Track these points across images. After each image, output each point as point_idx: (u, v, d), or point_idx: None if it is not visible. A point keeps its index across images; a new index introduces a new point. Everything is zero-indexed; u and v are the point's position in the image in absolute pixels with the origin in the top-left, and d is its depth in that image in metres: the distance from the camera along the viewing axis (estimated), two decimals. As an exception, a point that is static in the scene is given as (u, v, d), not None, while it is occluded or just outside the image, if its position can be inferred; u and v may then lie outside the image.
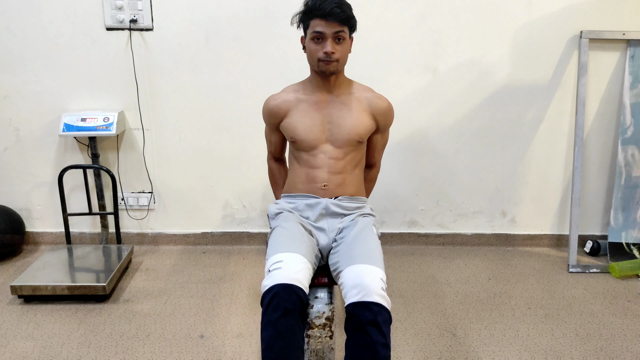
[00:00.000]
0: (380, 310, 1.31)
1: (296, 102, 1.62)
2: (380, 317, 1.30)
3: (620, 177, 2.44)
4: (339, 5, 1.46)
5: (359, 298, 1.32)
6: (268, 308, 1.32)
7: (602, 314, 2.01)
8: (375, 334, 1.29)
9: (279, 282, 1.33)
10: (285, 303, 1.31)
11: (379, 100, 1.64)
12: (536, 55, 2.39)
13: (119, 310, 2.00)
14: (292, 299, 1.33)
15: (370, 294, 1.31)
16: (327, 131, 1.60)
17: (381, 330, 1.30)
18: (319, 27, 1.49)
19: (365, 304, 1.31)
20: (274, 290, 1.33)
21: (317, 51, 1.52)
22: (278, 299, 1.31)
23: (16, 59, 2.33)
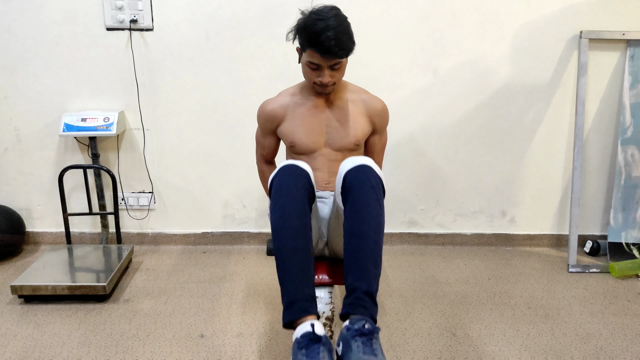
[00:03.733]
0: (373, 173, 1.36)
1: (293, 106, 1.62)
2: (374, 179, 1.35)
3: (620, 177, 2.45)
4: (337, 42, 1.40)
5: (352, 165, 1.38)
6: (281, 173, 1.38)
7: (602, 314, 2.01)
8: (369, 193, 1.34)
9: (293, 164, 1.39)
10: (300, 173, 1.38)
11: (374, 101, 1.64)
12: (536, 55, 2.39)
13: (119, 310, 2.00)
14: (304, 173, 1.38)
15: (362, 162, 1.38)
16: (325, 135, 1.62)
17: (375, 192, 1.34)
18: (315, 59, 1.46)
19: (358, 167, 1.37)
20: (288, 166, 1.39)
21: (312, 77, 1.52)
22: (293, 169, 1.38)
23: (16, 59, 2.33)
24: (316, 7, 1.47)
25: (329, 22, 1.40)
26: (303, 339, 1.19)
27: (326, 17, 1.41)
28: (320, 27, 1.39)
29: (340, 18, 1.44)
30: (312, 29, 1.41)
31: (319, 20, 1.41)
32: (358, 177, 1.35)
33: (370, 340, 1.17)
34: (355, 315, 1.24)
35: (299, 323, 1.25)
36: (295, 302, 1.27)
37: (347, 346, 1.18)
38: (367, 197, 1.33)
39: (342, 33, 1.41)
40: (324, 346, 1.18)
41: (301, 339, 1.20)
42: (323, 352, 1.16)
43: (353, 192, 1.34)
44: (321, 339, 1.19)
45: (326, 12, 1.43)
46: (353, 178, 1.35)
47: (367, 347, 1.15)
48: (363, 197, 1.33)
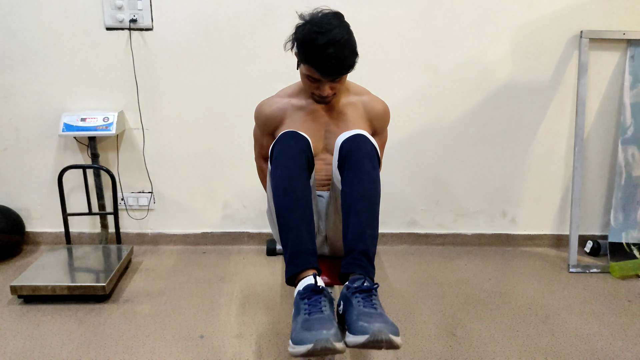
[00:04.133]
0: (368, 141, 1.38)
1: (292, 110, 1.59)
2: (369, 147, 1.37)
3: (620, 177, 2.44)
4: (339, 62, 1.35)
5: (348, 135, 1.39)
6: (282, 137, 1.39)
7: (603, 314, 2.01)
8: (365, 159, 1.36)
9: (294, 130, 1.40)
10: (300, 137, 1.39)
11: (375, 103, 1.62)
12: (536, 55, 2.39)
13: (119, 310, 2.00)
14: (304, 139, 1.39)
15: (356, 132, 1.40)
16: (324, 140, 1.61)
17: (371, 159, 1.36)
18: (313, 74, 1.42)
19: (353, 137, 1.38)
20: (289, 132, 1.40)
21: (311, 88, 1.50)
22: (294, 134, 1.39)
23: (16, 59, 2.33)
24: (316, 15, 1.40)
25: (330, 35, 1.33)
26: (305, 291, 1.23)
27: (327, 29, 1.34)
28: (321, 43, 1.33)
29: (343, 30, 1.36)
30: (312, 44, 1.34)
31: (319, 34, 1.34)
32: (354, 145, 1.37)
33: (370, 296, 1.22)
34: (354, 275, 1.28)
35: (301, 277, 1.29)
36: (298, 255, 1.30)
37: (347, 303, 1.22)
38: (364, 162, 1.36)
39: (344, 48, 1.35)
40: (325, 297, 1.23)
41: (303, 291, 1.24)
42: (324, 302, 1.21)
43: (349, 159, 1.37)
44: (323, 290, 1.23)
45: (327, 22, 1.35)
46: (349, 147, 1.37)
47: (367, 301, 1.20)
48: (359, 163, 1.36)
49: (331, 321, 1.15)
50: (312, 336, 1.11)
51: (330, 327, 1.13)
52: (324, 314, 1.17)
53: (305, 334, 1.12)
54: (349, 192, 1.35)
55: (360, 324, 1.13)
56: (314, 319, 1.16)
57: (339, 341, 1.11)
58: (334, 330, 1.12)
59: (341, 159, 1.39)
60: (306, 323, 1.15)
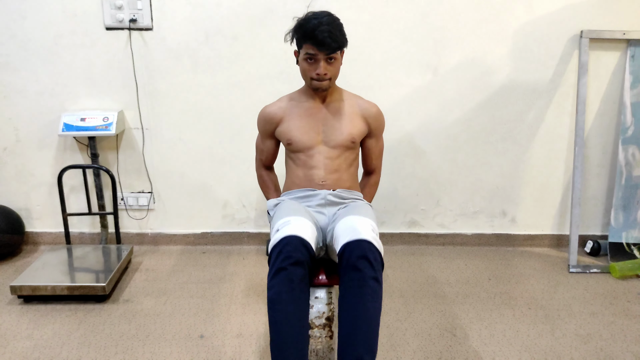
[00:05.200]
0: (370, 247, 1.36)
1: (291, 108, 1.70)
2: (371, 254, 1.35)
3: (620, 177, 2.44)
4: (330, 35, 1.51)
5: (350, 238, 1.38)
6: (278, 257, 1.35)
7: (603, 314, 2.01)
8: (366, 267, 1.34)
9: (290, 234, 1.38)
10: (296, 253, 1.35)
11: (369, 105, 1.72)
12: (537, 55, 2.39)
13: (119, 310, 2.00)
14: (303, 250, 1.37)
15: (360, 234, 1.38)
16: (321, 133, 1.67)
17: (372, 265, 1.34)
18: (311, 50, 1.55)
19: (356, 242, 1.36)
20: (284, 241, 1.37)
21: (309, 71, 1.60)
22: (290, 247, 1.35)
23: (16, 59, 2.33)
24: (310, 12, 1.59)
25: (323, 19, 1.53)
26: None
27: (320, 16, 1.54)
28: (315, 23, 1.52)
29: (333, 18, 1.56)
30: (308, 25, 1.53)
31: (313, 18, 1.54)
32: (357, 257, 1.34)
33: None
34: None
35: None
36: None
37: None
38: (367, 280, 1.33)
39: (334, 29, 1.53)
40: None
41: None
42: None
43: (350, 274, 1.35)
44: None
45: (319, 13, 1.56)
46: (351, 255, 1.35)
47: None
48: (363, 283, 1.33)
49: None
50: None
51: None
52: None
53: None
54: (349, 311, 1.34)
55: None
56: None
57: None
58: None
59: (341, 262, 1.38)
60: None
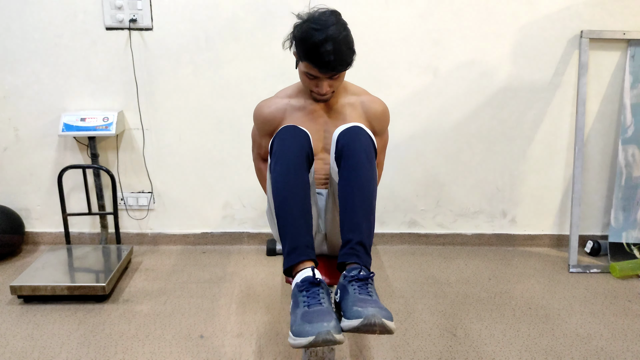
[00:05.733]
0: (364, 133, 1.39)
1: (291, 110, 1.60)
2: (364, 139, 1.38)
3: (620, 177, 2.44)
4: (337, 57, 1.37)
5: (345, 128, 1.40)
6: (281, 131, 1.39)
7: (603, 314, 2.01)
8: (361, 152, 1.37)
9: (294, 125, 1.41)
10: (300, 132, 1.39)
11: (374, 104, 1.62)
12: (536, 55, 2.39)
13: (119, 310, 2.00)
14: (303, 133, 1.40)
15: (354, 124, 1.41)
16: (323, 140, 1.61)
17: (366, 151, 1.37)
18: (312, 71, 1.44)
19: (349, 129, 1.39)
20: (289, 126, 1.41)
21: (310, 86, 1.51)
22: (294, 128, 1.39)
23: (16, 59, 2.33)
24: (314, 13, 1.42)
25: (328, 32, 1.36)
26: (303, 283, 1.26)
27: (324, 26, 1.36)
28: (318, 39, 1.35)
29: (340, 27, 1.38)
30: (310, 41, 1.37)
31: (316, 30, 1.36)
32: (350, 138, 1.38)
33: (366, 284, 1.25)
34: (351, 264, 1.31)
35: (299, 269, 1.31)
36: (296, 248, 1.32)
37: (344, 291, 1.26)
38: (360, 155, 1.37)
39: (341, 45, 1.37)
40: (323, 289, 1.26)
41: (301, 283, 1.26)
42: (322, 294, 1.24)
43: (345, 152, 1.38)
44: (320, 282, 1.26)
45: (324, 20, 1.38)
46: (345, 139, 1.39)
47: (363, 289, 1.23)
48: (355, 157, 1.37)
49: (330, 313, 1.19)
50: (313, 328, 1.14)
51: (330, 319, 1.16)
52: (322, 306, 1.21)
53: (306, 326, 1.16)
54: (345, 185, 1.38)
55: (354, 309, 1.17)
56: (313, 312, 1.19)
57: (339, 333, 1.15)
58: (334, 322, 1.16)
59: (338, 151, 1.41)
60: (306, 315, 1.19)
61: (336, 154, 1.41)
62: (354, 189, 1.36)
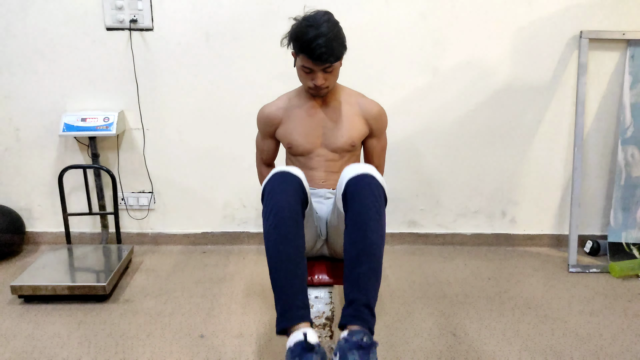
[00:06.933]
0: (375, 183, 1.36)
1: (290, 109, 1.66)
2: (376, 189, 1.35)
3: (620, 177, 2.44)
4: (328, 49, 1.44)
5: (354, 174, 1.37)
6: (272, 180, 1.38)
7: (602, 314, 2.01)
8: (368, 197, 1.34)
9: (284, 170, 1.40)
10: (291, 179, 1.38)
11: (371, 105, 1.66)
12: (536, 55, 2.39)
13: (119, 310, 2.00)
14: (295, 179, 1.38)
15: (365, 170, 1.38)
16: (321, 136, 1.64)
17: (377, 203, 1.34)
18: (308, 64, 1.50)
19: (360, 177, 1.36)
20: (278, 173, 1.39)
21: (307, 80, 1.56)
22: (284, 175, 1.38)
23: (16, 59, 2.33)
24: (308, 13, 1.50)
25: (320, 29, 1.43)
26: (296, 348, 1.21)
27: (317, 24, 1.44)
28: (312, 34, 1.43)
29: (331, 24, 1.46)
30: (304, 37, 1.44)
31: (310, 27, 1.44)
32: (360, 187, 1.35)
33: (368, 354, 1.19)
34: (354, 327, 1.25)
35: (292, 331, 1.27)
36: (289, 309, 1.28)
37: (344, 358, 1.19)
38: (369, 209, 1.33)
39: (332, 40, 1.44)
40: (317, 355, 1.19)
41: (294, 347, 1.21)
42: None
43: (354, 203, 1.35)
44: (314, 347, 1.20)
45: (318, 18, 1.46)
46: (355, 187, 1.35)
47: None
48: (364, 209, 1.33)
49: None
50: None
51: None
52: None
53: None
54: (352, 239, 1.33)
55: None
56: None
57: None
58: None
59: (345, 198, 1.38)
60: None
61: (343, 197, 1.39)
62: (362, 247, 1.31)
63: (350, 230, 1.34)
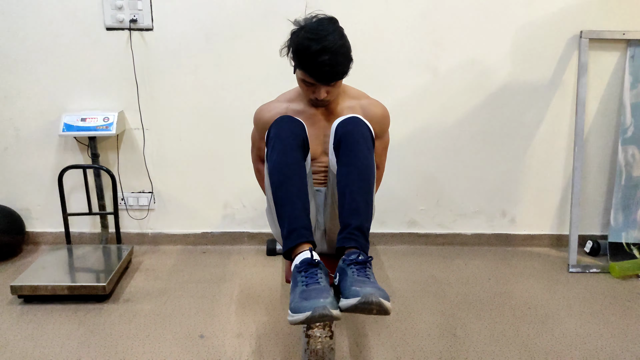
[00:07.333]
0: (362, 123, 1.42)
1: (290, 114, 1.60)
2: (364, 129, 1.42)
3: (620, 177, 2.44)
4: (332, 68, 1.38)
5: (343, 118, 1.44)
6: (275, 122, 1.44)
7: (602, 314, 2.01)
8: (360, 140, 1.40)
9: (289, 115, 1.46)
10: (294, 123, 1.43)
11: (374, 107, 1.62)
12: (536, 55, 2.39)
13: (119, 310, 2.00)
14: (299, 123, 1.44)
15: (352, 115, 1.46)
16: (323, 144, 1.62)
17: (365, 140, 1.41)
18: (309, 79, 1.44)
19: (348, 119, 1.43)
20: (285, 116, 1.45)
21: (308, 92, 1.51)
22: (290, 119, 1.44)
23: (16, 59, 2.33)
24: (310, 21, 1.42)
25: (324, 43, 1.35)
26: (302, 264, 1.30)
27: (321, 36, 1.36)
28: (315, 49, 1.35)
29: (337, 35, 1.38)
30: (307, 52, 1.37)
31: (313, 41, 1.36)
32: (349, 127, 1.42)
33: (364, 267, 1.29)
34: (350, 249, 1.34)
35: (297, 252, 1.35)
36: (294, 230, 1.35)
37: (343, 273, 1.30)
38: (358, 143, 1.40)
39: (337, 55, 1.37)
40: (321, 270, 1.30)
41: (300, 265, 1.30)
42: (320, 274, 1.28)
43: (344, 141, 1.41)
44: (319, 263, 1.30)
45: (321, 29, 1.37)
46: (344, 129, 1.42)
47: (361, 272, 1.27)
48: (354, 144, 1.40)
49: (327, 291, 1.22)
50: (310, 304, 1.17)
51: (326, 295, 1.20)
52: (320, 284, 1.24)
53: (303, 302, 1.19)
54: (345, 172, 1.40)
55: (353, 289, 1.21)
56: (311, 289, 1.22)
57: (336, 308, 1.18)
58: (330, 298, 1.19)
59: (336, 141, 1.44)
60: (304, 293, 1.22)
61: (335, 144, 1.44)
62: (353, 177, 1.38)
63: (342, 164, 1.41)
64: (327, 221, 1.59)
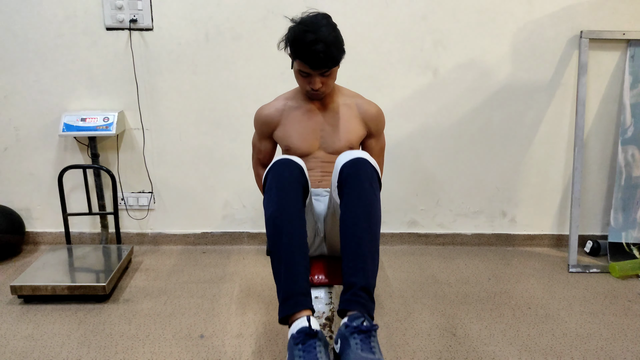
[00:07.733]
0: (369, 166, 1.36)
1: (288, 110, 1.65)
2: (370, 172, 1.35)
3: (620, 177, 2.44)
4: (325, 55, 1.42)
5: (349, 159, 1.37)
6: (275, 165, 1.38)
7: (602, 314, 2.01)
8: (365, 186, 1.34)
9: (286, 157, 1.41)
10: (294, 165, 1.38)
11: (369, 106, 1.66)
12: (536, 55, 2.39)
13: (119, 310, 2.00)
14: (297, 166, 1.38)
15: (358, 155, 1.38)
16: (319, 139, 1.64)
17: (372, 185, 1.34)
18: (305, 68, 1.48)
19: (354, 161, 1.36)
20: (281, 159, 1.39)
21: (304, 84, 1.55)
22: (287, 161, 1.38)
23: (16, 59, 2.33)
24: (306, 16, 1.48)
25: (318, 34, 1.41)
26: (299, 335, 1.19)
27: (315, 28, 1.42)
28: (309, 39, 1.41)
29: (330, 28, 1.45)
30: (302, 41, 1.43)
31: (308, 32, 1.42)
32: (354, 170, 1.35)
33: (369, 338, 1.18)
34: (353, 312, 1.24)
35: (295, 318, 1.25)
36: (291, 296, 1.26)
37: (345, 343, 1.18)
38: (363, 190, 1.33)
39: (331, 44, 1.43)
40: (320, 341, 1.19)
41: (297, 335, 1.20)
42: (319, 347, 1.17)
43: (349, 185, 1.34)
44: (317, 334, 1.19)
45: (316, 22, 1.44)
46: (349, 171, 1.35)
47: (366, 344, 1.16)
48: (359, 190, 1.33)
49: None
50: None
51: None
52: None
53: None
54: (347, 222, 1.32)
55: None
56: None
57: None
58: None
59: (340, 182, 1.38)
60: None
61: (338, 183, 1.38)
62: (357, 229, 1.30)
63: (345, 213, 1.33)
64: (328, 228, 1.58)
